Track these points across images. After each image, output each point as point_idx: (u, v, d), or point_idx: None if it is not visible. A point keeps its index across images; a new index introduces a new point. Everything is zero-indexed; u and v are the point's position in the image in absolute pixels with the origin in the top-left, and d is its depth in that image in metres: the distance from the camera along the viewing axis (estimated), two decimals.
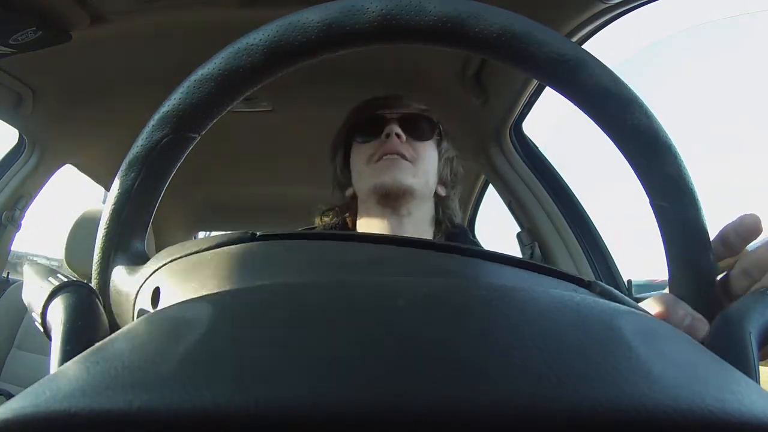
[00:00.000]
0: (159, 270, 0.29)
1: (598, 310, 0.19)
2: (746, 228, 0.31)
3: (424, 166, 0.75)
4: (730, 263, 0.31)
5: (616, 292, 0.29)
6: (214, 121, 0.30)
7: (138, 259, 0.31)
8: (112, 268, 0.31)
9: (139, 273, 0.30)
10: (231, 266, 0.27)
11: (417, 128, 0.76)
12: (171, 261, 0.29)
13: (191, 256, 0.29)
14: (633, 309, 0.21)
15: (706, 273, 0.29)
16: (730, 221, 0.31)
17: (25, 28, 0.88)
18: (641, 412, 0.14)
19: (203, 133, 0.30)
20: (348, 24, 0.26)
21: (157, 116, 0.29)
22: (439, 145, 0.79)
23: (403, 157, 0.72)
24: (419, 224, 0.76)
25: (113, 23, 0.95)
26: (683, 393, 0.15)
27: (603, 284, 0.29)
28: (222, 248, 0.29)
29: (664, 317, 0.30)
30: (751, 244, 0.31)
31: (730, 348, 0.24)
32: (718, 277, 0.31)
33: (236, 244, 0.29)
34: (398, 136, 0.73)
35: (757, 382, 0.23)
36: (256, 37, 0.27)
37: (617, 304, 0.21)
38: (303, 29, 0.26)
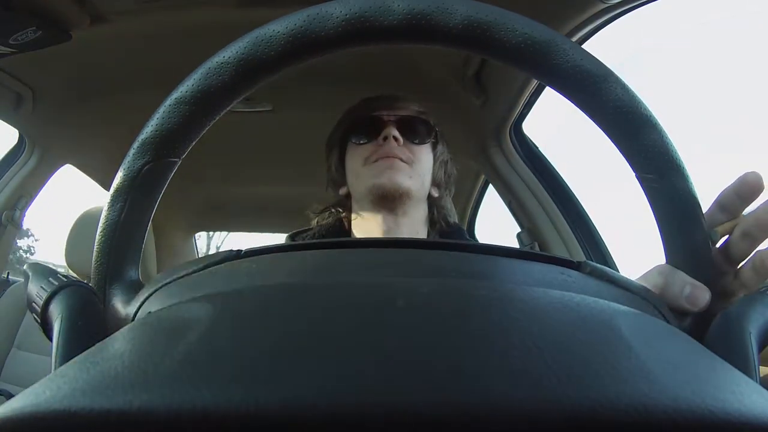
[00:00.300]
0: (150, 297, 0.29)
1: (598, 310, 0.19)
2: (749, 186, 0.30)
3: (420, 169, 0.75)
4: (728, 228, 0.31)
5: (607, 269, 0.28)
6: (194, 142, 0.30)
7: (132, 288, 0.31)
8: (109, 299, 0.31)
9: (133, 302, 0.30)
10: (219, 286, 0.27)
11: (414, 131, 0.76)
12: (161, 287, 0.29)
13: (180, 280, 0.29)
14: (633, 309, 0.21)
15: (700, 239, 0.29)
16: (728, 184, 0.30)
17: (25, 28, 0.88)
18: (641, 412, 0.14)
19: (184, 156, 0.30)
20: (313, 32, 0.26)
21: (136, 144, 0.29)
22: (434, 148, 0.79)
23: (400, 159, 0.73)
24: (414, 224, 0.77)
25: (113, 23, 0.95)
26: (683, 393, 0.15)
27: (593, 263, 0.28)
28: (209, 269, 0.29)
29: (663, 288, 0.29)
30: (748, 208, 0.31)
31: (730, 348, 0.24)
32: (718, 244, 0.31)
33: (223, 263, 0.29)
34: (396, 139, 0.73)
35: (757, 382, 0.23)
36: (226, 55, 0.27)
37: (617, 305, 0.21)
38: (270, 42, 0.26)
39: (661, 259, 0.31)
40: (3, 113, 1.23)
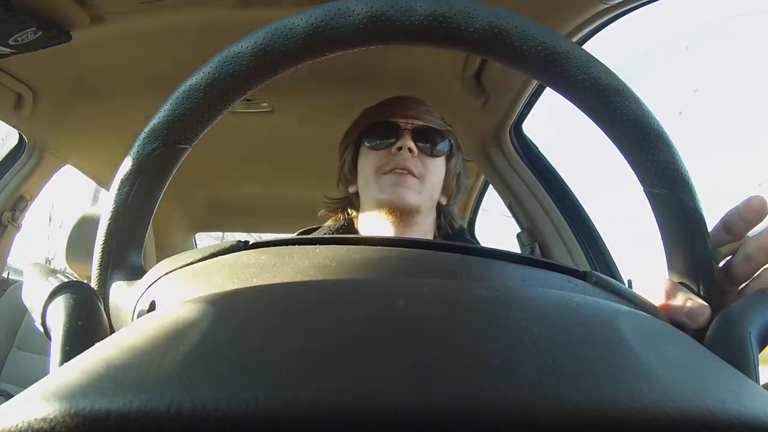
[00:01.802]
0: (154, 284, 0.29)
1: (599, 310, 0.19)
2: (753, 210, 0.30)
3: (430, 182, 0.75)
4: (732, 248, 0.31)
5: (612, 280, 0.29)
6: (205, 131, 0.30)
7: (135, 274, 0.31)
8: (110, 284, 0.31)
9: (136, 288, 0.30)
10: (224, 276, 0.27)
11: (430, 143, 0.75)
12: (165, 274, 0.29)
13: (185, 268, 0.29)
14: (633, 309, 0.21)
15: (704, 256, 0.29)
16: (733, 206, 0.31)
17: (25, 28, 0.88)
18: (641, 412, 0.14)
19: (194, 143, 0.30)
20: (334, 28, 0.26)
21: (147, 129, 0.29)
22: (449, 160, 0.78)
23: (412, 173, 0.72)
24: (422, 232, 0.77)
25: (113, 23, 0.95)
26: (683, 393, 0.15)
27: (598, 274, 0.29)
28: (214, 258, 0.29)
29: (664, 302, 0.29)
30: (753, 230, 0.31)
31: (730, 348, 0.24)
32: (721, 263, 0.31)
33: (228, 253, 0.29)
34: (410, 150, 0.72)
35: (757, 382, 0.23)
36: (243, 45, 0.27)
37: (618, 305, 0.21)
38: (289, 35, 0.26)
39: (658, 255, 0.31)
40: (3, 113, 1.23)
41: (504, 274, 0.27)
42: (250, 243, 0.30)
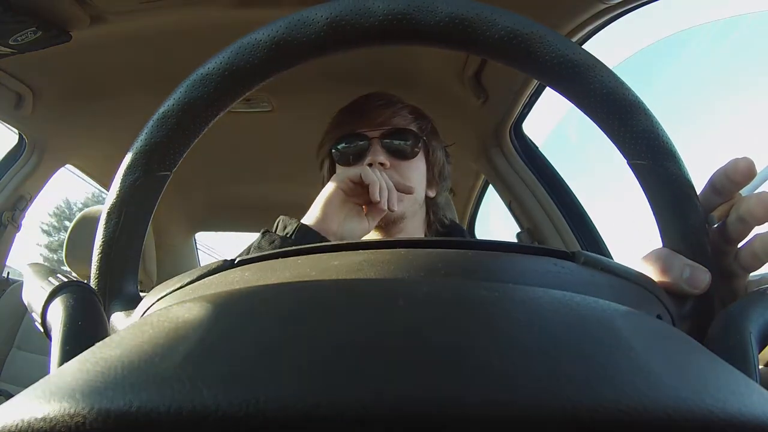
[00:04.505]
0: (148, 311, 0.29)
1: (599, 310, 0.19)
2: (740, 172, 0.29)
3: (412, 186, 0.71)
4: (724, 210, 0.31)
5: (602, 258, 0.28)
6: (184, 155, 0.30)
7: (132, 303, 0.31)
8: (110, 314, 0.31)
9: (133, 317, 0.30)
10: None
11: (402, 145, 0.72)
12: (158, 300, 0.29)
13: (176, 292, 0.29)
14: (633, 310, 0.21)
15: (697, 221, 0.28)
16: (720, 166, 0.30)
17: (25, 28, 0.88)
18: (641, 412, 0.14)
19: (175, 169, 0.30)
20: (296, 39, 0.26)
21: (126, 160, 0.29)
22: (427, 154, 0.76)
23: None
24: (412, 231, 0.76)
25: (113, 23, 0.95)
26: (683, 393, 0.15)
27: (587, 253, 0.28)
28: (202, 280, 0.29)
29: (662, 273, 0.29)
30: (745, 188, 0.30)
31: (730, 348, 0.24)
32: (715, 225, 0.31)
33: (217, 273, 0.29)
34: (382, 164, 0.69)
35: (757, 382, 0.23)
36: (210, 67, 0.27)
37: (617, 305, 0.21)
38: (253, 52, 0.26)
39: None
40: (3, 113, 1.23)
41: (486, 265, 0.27)
42: (236, 261, 0.30)
